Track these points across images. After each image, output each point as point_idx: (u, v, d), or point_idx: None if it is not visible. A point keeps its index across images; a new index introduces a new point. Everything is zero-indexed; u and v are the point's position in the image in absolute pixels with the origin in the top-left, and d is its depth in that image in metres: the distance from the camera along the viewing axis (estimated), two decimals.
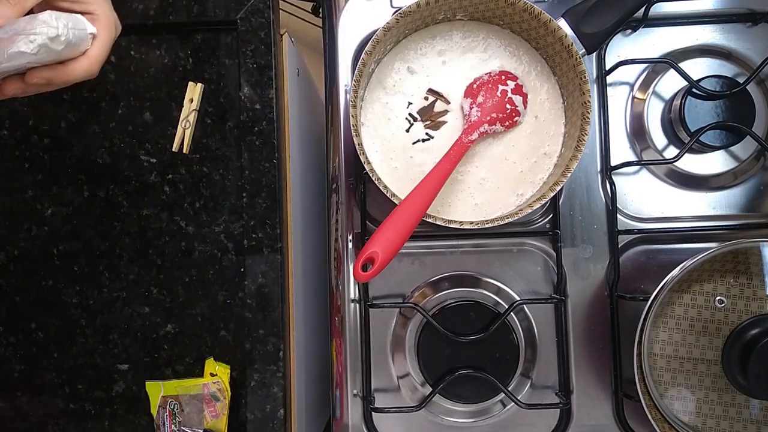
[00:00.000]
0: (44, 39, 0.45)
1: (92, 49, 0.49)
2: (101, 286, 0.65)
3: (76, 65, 0.48)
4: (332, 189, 0.65)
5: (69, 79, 0.48)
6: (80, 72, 0.48)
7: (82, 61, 0.48)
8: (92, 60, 0.49)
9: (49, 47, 0.45)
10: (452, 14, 0.60)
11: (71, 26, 0.46)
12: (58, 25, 0.45)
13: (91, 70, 0.49)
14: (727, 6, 0.64)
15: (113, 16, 0.50)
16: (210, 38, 0.65)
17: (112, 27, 0.50)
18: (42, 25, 0.45)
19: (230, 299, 0.65)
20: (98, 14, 0.49)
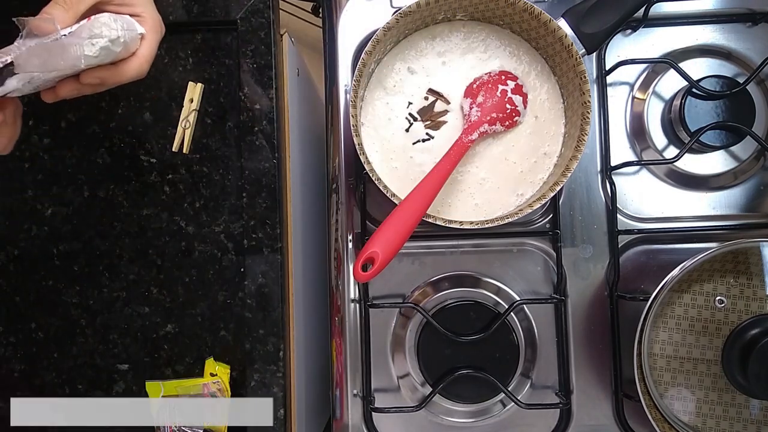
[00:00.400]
0: (106, 41, 0.46)
1: (141, 49, 0.50)
2: (101, 286, 0.65)
3: (128, 65, 0.49)
4: (332, 189, 0.65)
5: (122, 79, 0.49)
6: (132, 72, 0.50)
7: (133, 61, 0.50)
8: (142, 60, 0.50)
9: (109, 49, 0.46)
10: (452, 14, 0.60)
11: (127, 27, 0.48)
12: (117, 26, 0.46)
13: (142, 70, 0.51)
14: (727, 6, 0.64)
15: (158, 17, 0.52)
16: (210, 38, 0.65)
17: (159, 27, 0.52)
18: (104, 27, 0.46)
19: (230, 299, 0.65)
20: (145, 16, 0.50)
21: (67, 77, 0.48)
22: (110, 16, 0.47)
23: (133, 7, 0.49)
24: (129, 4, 0.49)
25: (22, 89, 0.44)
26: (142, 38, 0.50)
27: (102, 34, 0.45)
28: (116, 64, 0.49)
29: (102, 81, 0.48)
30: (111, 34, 0.46)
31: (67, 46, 0.44)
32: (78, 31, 0.44)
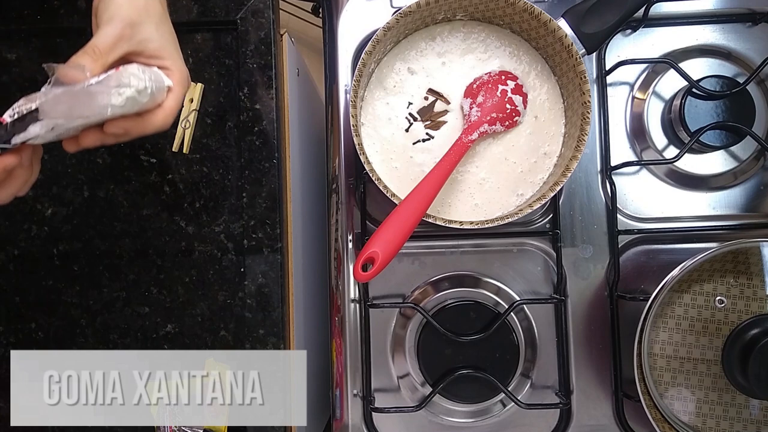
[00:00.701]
0: (133, 92, 0.45)
1: (168, 102, 0.50)
2: (101, 286, 0.65)
3: (153, 117, 0.49)
4: (332, 189, 0.65)
5: (146, 130, 0.49)
6: (158, 123, 0.49)
7: (159, 113, 0.49)
8: (168, 112, 0.50)
9: (135, 99, 0.46)
10: (452, 14, 0.60)
11: (154, 79, 0.47)
12: (145, 77, 0.46)
13: (167, 122, 0.50)
14: (727, 6, 0.64)
15: (186, 71, 0.51)
16: (210, 38, 0.65)
17: (185, 81, 0.51)
18: (133, 77, 0.45)
19: (230, 299, 0.65)
20: (173, 69, 0.50)
21: (91, 126, 0.47)
22: (139, 67, 0.46)
23: (163, 60, 0.49)
24: (159, 57, 0.49)
25: (45, 136, 0.43)
26: (168, 90, 0.50)
27: (130, 84, 0.45)
28: (141, 114, 0.48)
29: (126, 131, 0.48)
30: (138, 84, 0.45)
31: (94, 94, 0.43)
32: (106, 80, 0.44)
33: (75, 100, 0.43)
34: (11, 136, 0.41)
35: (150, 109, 0.49)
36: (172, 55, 0.50)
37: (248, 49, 0.64)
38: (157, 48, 0.48)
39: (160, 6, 0.50)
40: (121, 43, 0.46)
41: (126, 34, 0.46)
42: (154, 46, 0.48)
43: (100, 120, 0.46)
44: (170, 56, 0.50)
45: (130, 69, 0.45)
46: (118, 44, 0.46)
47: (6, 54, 0.65)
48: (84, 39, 0.63)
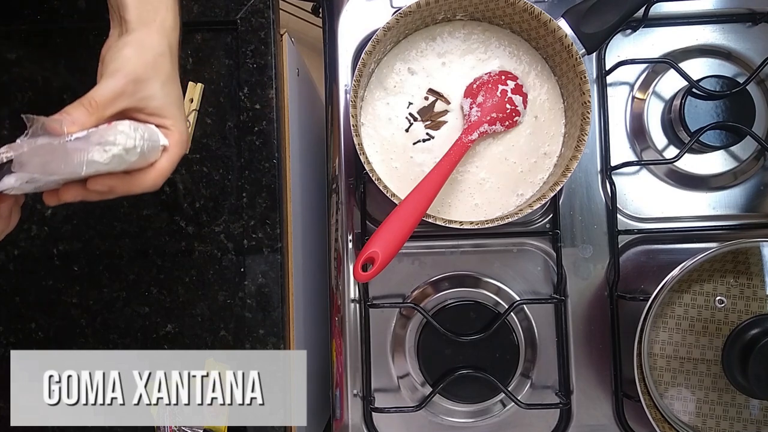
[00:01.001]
0: (120, 149, 0.43)
1: (161, 162, 0.47)
2: (101, 286, 0.65)
3: (142, 177, 0.46)
4: (332, 189, 0.65)
5: (132, 190, 0.46)
6: (146, 184, 0.47)
7: (149, 173, 0.47)
8: (159, 173, 0.47)
9: (122, 158, 0.43)
10: (452, 14, 0.60)
11: (147, 137, 0.45)
12: (135, 136, 0.44)
13: (156, 183, 0.47)
14: (727, 6, 0.64)
15: (186, 133, 0.49)
16: (210, 38, 0.65)
17: (184, 143, 0.49)
18: (121, 135, 0.43)
19: (230, 299, 0.65)
20: (173, 130, 0.47)
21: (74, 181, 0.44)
22: (131, 125, 0.44)
23: (163, 119, 0.47)
24: (160, 115, 0.47)
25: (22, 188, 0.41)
26: (163, 150, 0.47)
27: (116, 141, 0.42)
28: (130, 173, 0.46)
29: (111, 189, 0.45)
30: (127, 143, 0.43)
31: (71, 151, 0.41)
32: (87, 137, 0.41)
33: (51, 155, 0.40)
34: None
35: (140, 167, 0.46)
36: (174, 115, 0.48)
37: (248, 49, 0.64)
38: (159, 107, 0.46)
39: (170, 64, 0.48)
40: (122, 99, 0.44)
41: (128, 90, 0.44)
42: (156, 104, 0.46)
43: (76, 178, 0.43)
44: (172, 116, 0.48)
45: (120, 126, 0.43)
46: (118, 99, 0.44)
47: (6, 54, 0.65)
48: (84, 39, 0.64)
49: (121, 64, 0.44)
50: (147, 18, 0.47)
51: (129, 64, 0.44)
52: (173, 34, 0.49)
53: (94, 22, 0.64)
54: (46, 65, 0.65)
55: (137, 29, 0.46)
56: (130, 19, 0.46)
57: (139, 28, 0.46)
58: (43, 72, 0.65)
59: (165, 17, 0.48)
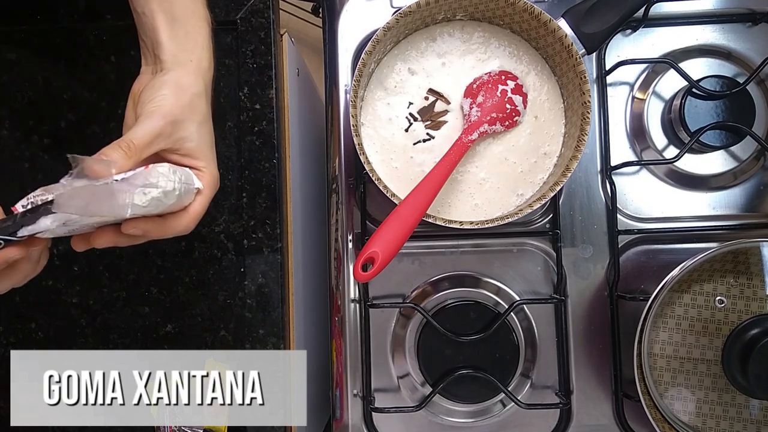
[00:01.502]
0: (159, 192, 0.41)
1: (194, 206, 0.46)
2: (101, 286, 0.65)
3: (176, 221, 0.45)
4: (332, 189, 0.65)
5: (166, 234, 0.45)
6: (179, 228, 0.46)
7: (183, 217, 0.46)
8: (192, 217, 0.46)
9: (160, 201, 0.42)
10: (452, 14, 0.60)
11: (184, 180, 0.44)
12: (174, 179, 0.43)
13: (189, 227, 0.47)
14: (727, 6, 0.64)
15: (217, 174, 0.48)
16: None
17: (215, 185, 0.48)
18: (161, 178, 0.41)
19: (230, 299, 0.65)
20: (205, 171, 0.47)
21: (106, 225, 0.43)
22: (170, 167, 0.43)
23: (197, 160, 0.46)
24: (193, 157, 0.46)
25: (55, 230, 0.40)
26: (197, 193, 0.46)
27: (158, 184, 0.41)
28: (164, 217, 0.45)
29: (145, 233, 0.44)
30: (167, 185, 0.42)
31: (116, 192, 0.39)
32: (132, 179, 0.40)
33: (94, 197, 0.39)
34: (19, 227, 0.38)
35: (174, 211, 0.45)
36: (206, 157, 0.47)
37: (248, 49, 0.64)
38: (193, 148, 0.46)
39: (206, 104, 0.47)
40: (159, 140, 0.43)
41: (166, 132, 0.43)
42: (191, 146, 0.45)
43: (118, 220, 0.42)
44: (205, 158, 0.47)
45: (160, 169, 0.42)
46: (156, 141, 0.43)
47: (6, 54, 0.65)
48: (84, 39, 0.63)
49: (159, 103, 0.44)
50: (183, 58, 0.47)
51: (166, 105, 0.44)
52: (208, 75, 0.48)
53: (94, 22, 0.64)
54: (46, 65, 0.65)
55: (173, 69, 0.46)
56: (166, 59, 0.46)
57: (175, 68, 0.46)
58: (43, 72, 0.65)
59: (201, 57, 0.47)
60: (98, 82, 0.64)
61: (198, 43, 0.48)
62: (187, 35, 0.47)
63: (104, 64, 0.65)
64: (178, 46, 0.47)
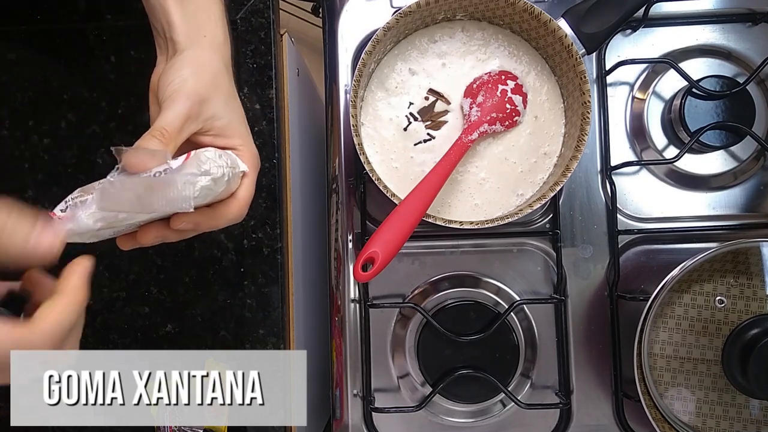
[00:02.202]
0: (208, 180, 0.38)
1: (241, 190, 0.43)
2: (101, 286, 0.65)
3: (226, 209, 0.42)
4: (332, 189, 0.65)
5: (218, 225, 0.42)
6: (230, 216, 0.42)
7: (233, 204, 0.42)
8: (242, 202, 0.43)
9: (210, 189, 0.38)
10: (452, 14, 0.60)
11: (230, 164, 0.40)
12: (222, 164, 0.39)
13: (241, 214, 0.43)
14: (727, 6, 0.64)
15: (256, 151, 0.45)
16: None
17: (257, 162, 0.44)
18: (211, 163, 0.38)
19: (230, 299, 0.65)
20: (243, 150, 0.43)
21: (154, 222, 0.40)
22: (215, 151, 0.39)
23: (231, 139, 0.42)
24: (227, 136, 0.42)
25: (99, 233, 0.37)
26: (243, 176, 0.43)
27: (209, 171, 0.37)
28: (213, 206, 0.41)
29: (196, 226, 0.41)
30: (217, 171, 0.38)
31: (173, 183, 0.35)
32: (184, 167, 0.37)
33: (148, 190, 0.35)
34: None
35: (223, 198, 0.42)
36: (242, 134, 0.44)
37: (248, 49, 0.64)
38: (225, 126, 0.42)
39: (228, 79, 0.45)
40: (190, 123, 0.40)
41: (194, 112, 0.40)
42: (222, 124, 0.42)
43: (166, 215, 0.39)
44: (240, 135, 0.43)
45: (207, 154, 0.39)
46: (187, 124, 0.40)
47: (6, 54, 0.65)
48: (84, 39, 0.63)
49: (180, 85, 0.40)
50: (196, 35, 0.44)
51: (187, 85, 0.41)
52: (225, 49, 0.46)
53: (94, 22, 0.64)
54: (46, 65, 0.65)
55: (188, 48, 0.43)
56: (179, 39, 0.43)
57: (190, 46, 0.43)
58: (43, 72, 0.65)
59: (215, 32, 0.45)
60: (98, 82, 0.64)
61: (210, 17, 0.45)
62: (198, 11, 0.44)
63: (104, 64, 0.65)
64: (190, 24, 0.44)
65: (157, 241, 0.41)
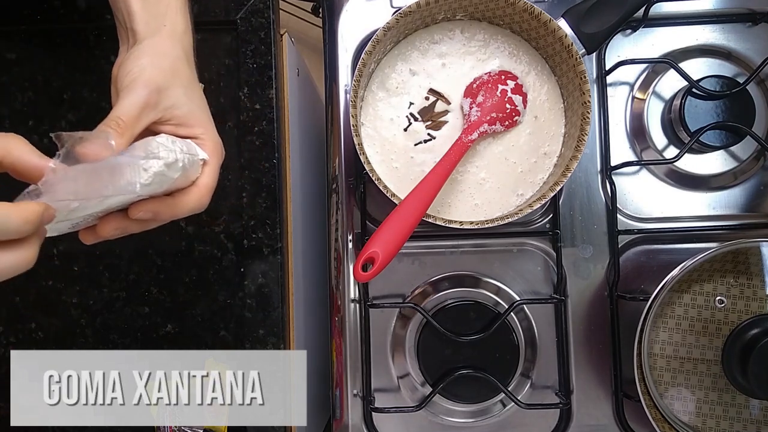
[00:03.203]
0: (161, 166, 0.37)
1: (203, 178, 0.43)
2: (101, 286, 0.65)
3: (186, 197, 0.42)
4: (332, 189, 0.65)
5: (178, 214, 0.42)
6: (191, 205, 0.42)
7: (193, 192, 0.42)
8: (203, 191, 0.43)
9: (164, 175, 0.38)
10: (452, 14, 0.60)
11: (186, 150, 0.40)
12: (175, 149, 0.39)
13: (203, 202, 0.43)
14: (727, 6, 0.64)
15: (219, 140, 0.45)
16: (210, 38, 0.65)
17: (220, 151, 0.45)
18: (160, 148, 0.38)
19: (230, 299, 0.65)
20: (205, 138, 0.43)
21: (111, 213, 0.40)
22: (167, 137, 0.39)
23: (192, 128, 0.43)
24: (188, 125, 0.42)
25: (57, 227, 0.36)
26: (203, 164, 0.43)
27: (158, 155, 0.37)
28: (173, 194, 0.41)
29: (155, 215, 0.40)
30: (168, 156, 0.38)
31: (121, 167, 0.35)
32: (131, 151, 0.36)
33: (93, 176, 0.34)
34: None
35: (182, 187, 0.42)
36: (203, 123, 0.44)
37: (248, 49, 0.64)
38: (185, 114, 0.42)
39: (188, 68, 0.45)
40: (147, 112, 0.40)
41: (152, 101, 0.40)
42: (182, 112, 0.42)
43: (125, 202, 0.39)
44: (201, 124, 0.43)
45: (157, 139, 0.39)
46: (144, 113, 0.40)
47: (6, 54, 0.65)
48: (84, 39, 0.63)
49: (138, 74, 0.41)
50: (156, 24, 0.44)
51: (145, 73, 0.41)
52: (186, 38, 0.46)
53: (94, 22, 0.64)
54: (46, 65, 0.65)
55: (147, 37, 0.44)
56: (139, 28, 0.44)
57: (150, 36, 0.44)
58: (43, 72, 0.65)
59: (175, 21, 0.45)
60: (98, 82, 0.64)
61: (170, 7, 0.45)
62: (159, 1, 0.45)
63: (104, 64, 0.65)
64: (150, 13, 0.44)
65: (118, 233, 0.41)
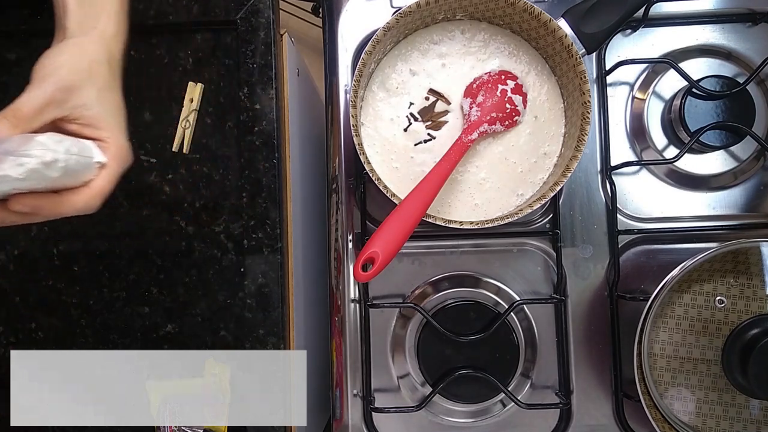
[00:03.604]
0: (36, 163, 0.38)
1: (97, 180, 0.43)
2: (101, 286, 0.65)
3: (73, 197, 0.42)
4: (332, 189, 0.65)
5: (62, 211, 0.42)
6: (78, 205, 0.42)
7: (82, 192, 0.43)
8: (94, 192, 0.43)
9: (41, 173, 0.39)
10: (452, 14, 0.60)
11: (75, 152, 0.41)
12: (57, 149, 0.39)
13: (91, 204, 0.43)
14: (727, 6, 0.64)
15: (125, 145, 0.45)
16: (210, 38, 0.65)
17: (124, 157, 0.45)
18: (37, 147, 0.38)
19: (230, 299, 0.65)
20: (109, 142, 0.44)
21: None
22: (52, 137, 0.40)
23: (99, 130, 0.43)
24: (95, 127, 0.43)
25: None
26: (101, 167, 0.43)
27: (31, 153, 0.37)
28: (60, 192, 0.41)
29: (35, 210, 0.40)
30: (45, 156, 0.38)
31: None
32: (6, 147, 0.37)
33: None
34: None
35: (71, 186, 0.42)
36: (111, 127, 0.44)
37: (248, 49, 0.64)
38: (93, 116, 0.43)
39: (108, 72, 0.45)
40: (50, 108, 0.40)
41: (57, 99, 0.41)
42: (90, 114, 0.43)
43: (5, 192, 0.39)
44: (108, 127, 0.44)
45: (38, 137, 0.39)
46: (46, 109, 0.40)
47: (6, 54, 0.65)
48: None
49: (51, 70, 0.41)
50: (86, 25, 0.45)
51: (60, 71, 0.41)
52: (114, 43, 0.47)
53: None
54: None
55: (75, 35, 0.44)
56: (70, 25, 0.45)
57: (78, 35, 0.44)
58: None
59: (106, 24, 0.46)
60: None
61: (105, 9, 0.46)
62: (94, 2, 0.46)
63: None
64: (84, 13, 0.45)
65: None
